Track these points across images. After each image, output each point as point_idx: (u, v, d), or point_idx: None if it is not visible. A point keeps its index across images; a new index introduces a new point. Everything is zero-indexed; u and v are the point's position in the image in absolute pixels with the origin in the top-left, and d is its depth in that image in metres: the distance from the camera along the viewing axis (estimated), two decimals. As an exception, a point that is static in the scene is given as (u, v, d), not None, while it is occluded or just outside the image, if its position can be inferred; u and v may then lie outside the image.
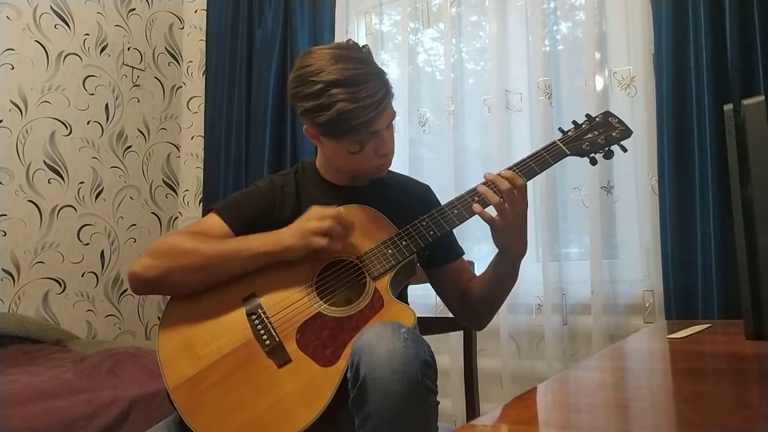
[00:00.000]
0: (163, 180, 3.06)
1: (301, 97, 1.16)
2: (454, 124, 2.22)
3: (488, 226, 1.18)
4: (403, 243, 1.18)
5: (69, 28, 2.71)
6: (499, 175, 1.17)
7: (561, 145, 1.25)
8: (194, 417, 1.05)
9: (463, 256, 1.39)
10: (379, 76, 1.17)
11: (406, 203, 1.31)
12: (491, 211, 1.17)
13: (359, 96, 1.11)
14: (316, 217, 1.14)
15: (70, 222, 2.65)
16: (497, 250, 1.23)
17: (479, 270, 1.36)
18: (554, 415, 0.72)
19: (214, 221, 1.23)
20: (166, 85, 3.10)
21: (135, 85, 2.95)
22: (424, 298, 1.91)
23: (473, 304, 1.32)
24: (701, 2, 1.73)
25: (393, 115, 1.22)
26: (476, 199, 1.18)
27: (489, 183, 1.17)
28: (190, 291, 1.16)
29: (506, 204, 1.14)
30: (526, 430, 0.65)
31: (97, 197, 2.76)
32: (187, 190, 3.11)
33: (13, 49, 2.51)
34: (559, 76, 2.08)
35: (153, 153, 3.01)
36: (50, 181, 2.60)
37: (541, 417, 0.72)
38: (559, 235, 2.02)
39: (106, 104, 2.82)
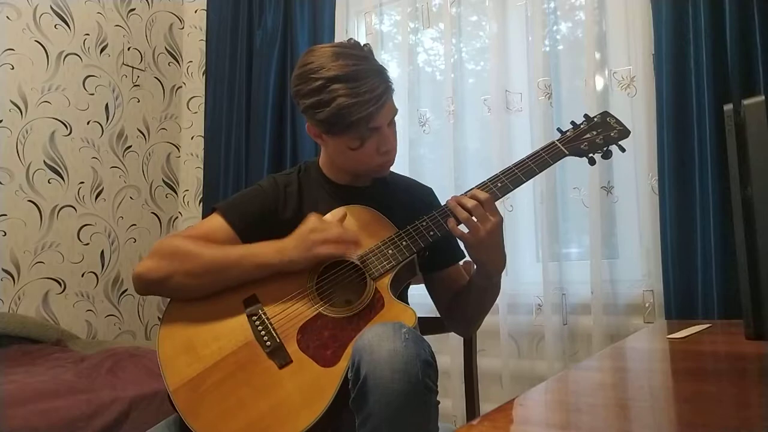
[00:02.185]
0: (163, 180, 3.06)
1: (303, 95, 1.16)
2: (454, 124, 2.22)
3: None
4: (404, 243, 1.18)
5: (69, 28, 2.71)
6: (464, 195, 1.17)
7: (559, 145, 1.25)
8: (195, 418, 1.05)
9: (461, 261, 1.39)
10: (379, 72, 1.17)
11: (408, 204, 1.31)
12: None
13: (359, 91, 1.11)
14: (318, 230, 1.13)
15: (70, 222, 2.65)
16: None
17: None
18: (554, 415, 0.72)
19: (217, 222, 1.23)
20: (166, 85, 3.10)
21: (135, 85, 2.95)
22: (424, 298, 1.90)
23: (459, 311, 1.33)
24: (701, 2, 1.73)
25: (394, 111, 1.22)
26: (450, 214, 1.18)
27: (458, 201, 1.17)
28: (191, 296, 1.16)
29: (475, 219, 1.14)
30: (526, 430, 0.65)
31: (97, 197, 2.76)
32: (187, 190, 3.11)
33: (13, 49, 2.51)
34: (559, 76, 2.08)
35: (153, 153, 3.02)
36: (50, 181, 2.60)
37: (541, 417, 0.72)
38: (559, 235, 2.02)
39: (106, 104, 2.82)
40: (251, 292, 1.16)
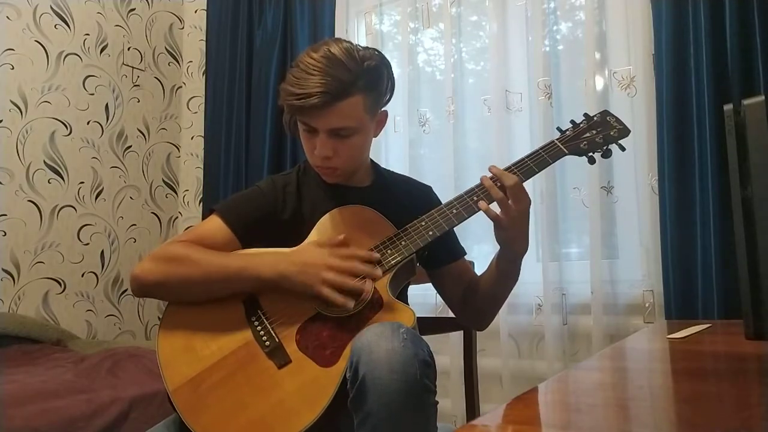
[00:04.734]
0: (163, 180, 3.06)
1: None
2: (454, 124, 2.22)
3: (490, 225, 1.18)
4: (402, 243, 1.18)
5: (69, 28, 2.71)
6: (492, 172, 1.18)
7: (559, 144, 1.25)
8: (195, 419, 1.05)
9: (465, 257, 1.39)
10: (334, 78, 1.11)
11: (407, 204, 1.31)
12: (495, 207, 1.17)
13: (297, 82, 1.13)
14: (334, 269, 1.10)
15: (70, 222, 2.65)
16: (499, 248, 1.23)
17: (480, 269, 1.36)
18: (554, 415, 0.72)
19: (216, 224, 1.22)
20: (166, 85, 3.10)
21: (135, 85, 2.95)
22: (424, 298, 1.91)
23: (475, 303, 1.32)
24: (701, 2, 1.73)
25: (334, 125, 1.15)
26: (482, 195, 1.18)
27: (493, 178, 1.17)
28: (186, 301, 1.16)
29: (510, 200, 1.14)
30: (526, 430, 0.65)
31: (97, 197, 2.76)
32: (187, 190, 3.11)
33: (13, 49, 2.51)
34: (559, 76, 2.08)
35: (153, 153, 3.01)
36: (50, 181, 2.60)
37: (541, 417, 0.72)
38: (559, 235, 2.02)
39: (106, 104, 2.82)
40: (250, 293, 1.15)
